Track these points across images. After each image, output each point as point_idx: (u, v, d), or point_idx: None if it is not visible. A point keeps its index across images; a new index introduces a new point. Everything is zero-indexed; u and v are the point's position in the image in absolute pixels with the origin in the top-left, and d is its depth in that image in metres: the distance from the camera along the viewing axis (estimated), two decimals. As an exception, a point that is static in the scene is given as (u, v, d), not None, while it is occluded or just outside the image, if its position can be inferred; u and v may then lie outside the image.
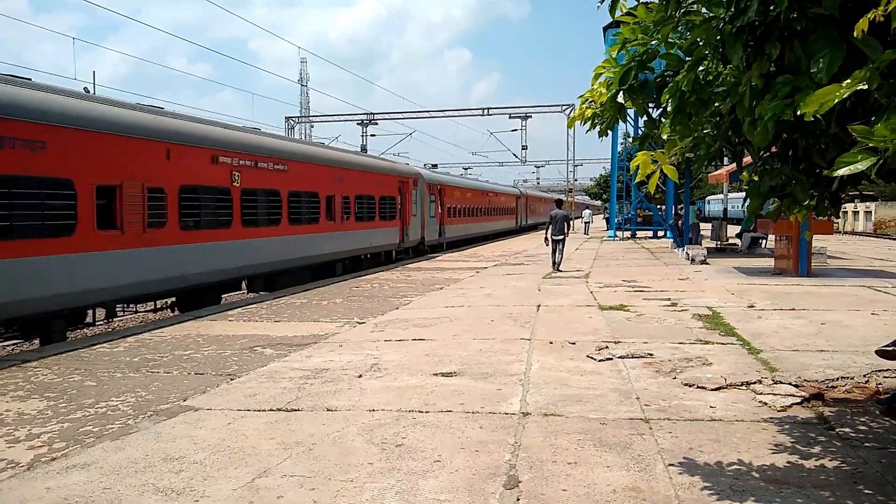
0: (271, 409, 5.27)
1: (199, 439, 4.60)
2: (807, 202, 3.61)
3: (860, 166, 2.21)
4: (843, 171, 2.24)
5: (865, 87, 2.25)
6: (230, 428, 4.84)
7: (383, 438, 4.53)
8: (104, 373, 6.67)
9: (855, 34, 2.19)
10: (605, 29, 29.78)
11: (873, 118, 2.46)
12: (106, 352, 7.76)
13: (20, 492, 3.79)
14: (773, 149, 3.64)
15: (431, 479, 3.84)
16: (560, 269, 16.43)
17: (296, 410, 5.24)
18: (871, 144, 2.17)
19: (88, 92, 12.16)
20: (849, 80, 2.26)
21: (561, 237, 16.64)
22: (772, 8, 2.83)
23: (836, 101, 2.26)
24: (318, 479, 3.86)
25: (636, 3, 3.64)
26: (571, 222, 19.77)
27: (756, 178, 3.72)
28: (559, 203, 18.41)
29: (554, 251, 16.63)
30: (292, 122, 52.34)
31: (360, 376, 6.27)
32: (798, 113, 2.61)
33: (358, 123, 50.95)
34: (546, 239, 17.00)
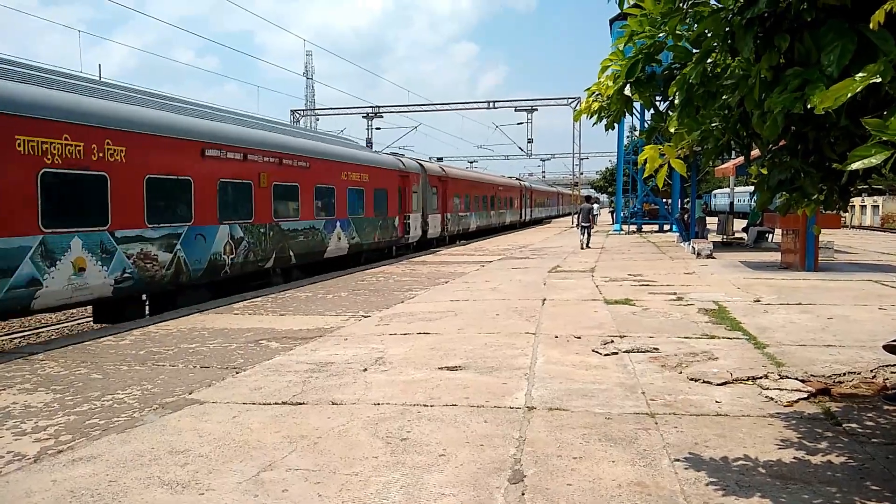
0: (276, 403, 5.28)
1: (205, 432, 4.61)
2: (816, 196, 3.57)
3: (874, 160, 2.17)
4: (856, 166, 2.20)
5: (879, 80, 2.21)
6: (235, 421, 4.84)
7: (388, 432, 4.53)
8: (110, 366, 6.70)
9: (871, 26, 2.14)
10: (612, 21, 29.59)
11: (885, 112, 2.43)
12: (112, 345, 7.79)
13: (26, 484, 3.80)
14: (782, 142, 3.60)
15: (436, 473, 3.83)
16: (589, 246, 22.36)
17: (301, 404, 5.24)
18: (884, 138, 2.14)
19: None
20: (863, 74, 2.22)
21: (587, 224, 22.88)
22: (781, -1, 2.79)
23: (850, 95, 2.22)
24: (323, 473, 3.86)
25: None
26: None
27: (765, 172, 3.68)
28: (588, 199, 29.74)
29: (582, 234, 22.80)
30: (297, 116, 52.27)
31: (365, 370, 6.27)
32: (808, 106, 2.57)
33: (363, 117, 50.85)
34: (577, 224, 24.54)
